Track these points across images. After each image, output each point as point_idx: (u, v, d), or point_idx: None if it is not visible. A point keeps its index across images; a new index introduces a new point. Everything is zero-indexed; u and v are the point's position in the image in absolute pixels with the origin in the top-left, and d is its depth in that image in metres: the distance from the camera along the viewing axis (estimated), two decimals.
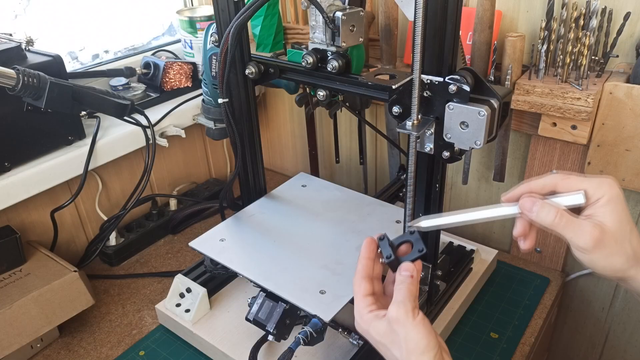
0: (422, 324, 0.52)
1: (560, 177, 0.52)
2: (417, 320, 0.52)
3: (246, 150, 0.89)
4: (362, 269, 0.58)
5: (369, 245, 0.59)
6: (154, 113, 1.07)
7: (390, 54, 0.96)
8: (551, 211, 0.50)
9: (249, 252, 0.81)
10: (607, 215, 0.49)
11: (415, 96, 0.60)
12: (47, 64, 0.86)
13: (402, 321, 0.52)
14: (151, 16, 1.26)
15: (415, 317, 0.52)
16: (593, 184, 0.50)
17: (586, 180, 0.51)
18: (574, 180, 0.51)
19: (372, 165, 1.22)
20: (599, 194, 0.50)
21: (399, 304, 0.53)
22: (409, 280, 0.55)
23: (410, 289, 0.54)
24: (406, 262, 0.57)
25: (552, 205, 0.51)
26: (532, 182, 0.53)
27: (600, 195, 0.50)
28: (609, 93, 0.77)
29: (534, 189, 0.53)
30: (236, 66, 0.80)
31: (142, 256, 1.09)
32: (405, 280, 0.55)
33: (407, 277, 0.55)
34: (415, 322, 0.51)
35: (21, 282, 0.84)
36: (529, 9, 0.86)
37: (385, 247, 0.59)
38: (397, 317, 0.52)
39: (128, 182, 1.13)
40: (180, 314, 0.85)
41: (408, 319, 0.52)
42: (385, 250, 0.59)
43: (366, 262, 0.59)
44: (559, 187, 0.52)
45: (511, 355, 0.81)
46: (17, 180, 0.87)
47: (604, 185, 0.50)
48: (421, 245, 0.58)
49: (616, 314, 1.00)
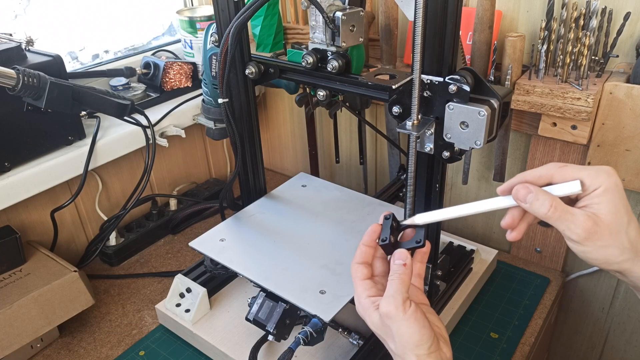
0: (413, 317, 0.51)
1: (556, 166, 0.50)
2: (408, 314, 0.51)
3: (246, 150, 0.89)
4: (359, 255, 0.58)
5: (371, 233, 0.59)
6: (154, 113, 1.07)
7: (390, 54, 0.96)
8: (546, 201, 0.48)
9: (249, 252, 0.81)
10: (603, 206, 0.48)
11: (415, 96, 0.60)
12: (47, 64, 0.86)
13: (392, 316, 0.51)
14: (151, 16, 1.26)
15: (406, 311, 0.51)
16: (590, 173, 0.49)
17: (583, 170, 0.49)
18: (570, 170, 0.50)
19: (372, 165, 1.22)
20: (596, 183, 0.48)
21: (389, 298, 0.52)
22: (401, 270, 0.54)
23: (403, 280, 0.53)
24: (400, 249, 0.56)
25: (547, 194, 0.49)
26: (528, 173, 0.51)
27: (597, 185, 0.48)
28: (609, 93, 0.77)
29: (530, 179, 0.51)
30: (236, 66, 0.80)
31: (142, 256, 1.09)
32: (398, 270, 0.54)
33: (399, 266, 0.54)
34: (406, 317, 0.51)
35: (21, 282, 0.84)
36: (529, 9, 0.86)
37: (386, 228, 0.58)
38: (387, 312, 0.51)
39: (128, 182, 1.13)
40: (180, 314, 0.85)
41: (399, 313, 0.51)
42: (384, 232, 0.58)
43: (365, 249, 0.58)
44: (555, 177, 0.50)
45: (511, 355, 0.81)
46: (17, 180, 0.87)
47: (601, 175, 0.48)
48: (420, 237, 0.57)
49: (616, 314, 1.00)
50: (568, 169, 0.50)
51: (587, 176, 0.49)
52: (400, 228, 0.59)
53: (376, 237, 0.58)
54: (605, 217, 0.48)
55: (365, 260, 0.58)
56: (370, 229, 0.59)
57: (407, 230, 0.59)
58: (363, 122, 1.08)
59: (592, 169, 0.49)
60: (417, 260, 0.59)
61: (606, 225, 0.48)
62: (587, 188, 0.49)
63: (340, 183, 1.04)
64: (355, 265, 0.58)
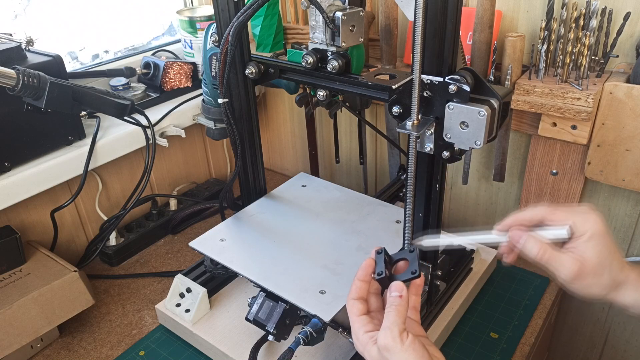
0: (411, 348, 0.51)
1: (548, 210, 0.56)
2: (405, 346, 0.51)
3: (246, 150, 0.89)
4: (354, 290, 0.59)
5: (366, 268, 0.60)
6: (154, 113, 1.07)
7: (390, 54, 0.96)
8: (535, 245, 0.54)
9: (249, 252, 0.81)
10: (588, 251, 0.53)
11: (415, 96, 0.60)
12: (47, 64, 0.86)
13: (390, 348, 0.52)
14: (151, 16, 1.26)
15: (404, 342, 0.52)
16: (579, 218, 0.54)
17: (573, 215, 0.55)
18: (561, 214, 0.55)
19: (372, 165, 1.22)
20: (583, 229, 0.54)
21: (386, 330, 0.52)
22: (397, 301, 0.55)
23: (399, 311, 0.54)
24: (396, 282, 0.57)
25: (536, 239, 0.55)
26: (521, 214, 0.57)
27: (584, 231, 0.54)
28: (609, 93, 0.77)
29: (523, 221, 0.57)
30: (236, 66, 0.80)
31: (142, 256, 1.09)
32: (394, 302, 0.55)
33: (396, 298, 0.55)
34: (404, 348, 0.51)
35: (21, 282, 0.84)
36: (529, 9, 0.86)
37: (380, 262, 0.59)
38: (385, 344, 0.52)
39: (128, 182, 1.13)
40: (180, 314, 0.85)
41: (396, 345, 0.51)
42: (379, 266, 0.59)
43: (360, 284, 0.59)
44: (546, 219, 0.56)
45: (511, 355, 0.81)
46: (17, 180, 0.87)
47: (588, 221, 0.54)
48: (415, 267, 0.58)
49: (616, 314, 1.00)
50: (558, 213, 0.56)
51: (577, 221, 0.54)
52: (393, 261, 0.60)
53: (371, 271, 0.59)
54: (590, 260, 0.53)
55: (361, 296, 0.59)
56: (365, 264, 0.60)
57: (399, 263, 0.60)
58: (363, 122, 1.08)
59: (581, 215, 0.55)
60: (412, 294, 0.60)
61: (591, 268, 0.53)
62: (574, 232, 0.54)
63: (340, 183, 1.04)
64: (351, 301, 0.59)
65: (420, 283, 0.60)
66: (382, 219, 0.88)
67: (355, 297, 0.58)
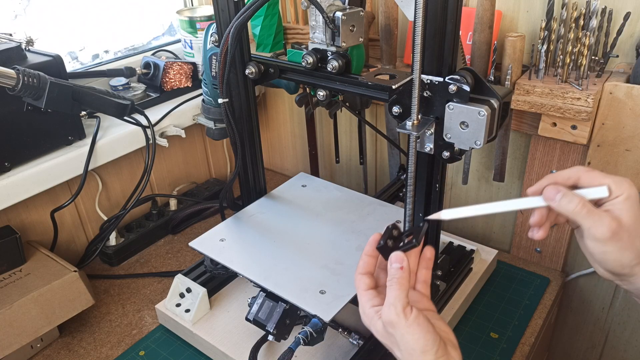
0: (415, 323, 0.51)
1: (584, 169, 0.54)
2: (410, 321, 0.51)
3: (246, 150, 0.89)
4: (361, 265, 0.59)
5: (372, 243, 0.59)
6: (154, 113, 1.07)
7: (390, 54, 0.96)
8: (574, 199, 0.52)
9: (249, 252, 0.81)
10: (625, 211, 0.51)
11: (415, 96, 0.60)
12: (47, 64, 0.86)
13: (394, 324, 0.51)
14: (151, 16, 1.26)
15: (408, 317, 0.51)
16: (615, 180, 0.53)
17: (608, 177, 0.53)
18: (596, 175, 0.53)
19: (372, 165, 1.22)
20: (619, 191, 0.52)
21: (389, 306, 0.52)
22: (398, 274, 0.54)
23: (401, 284, 0.53)
24: (396, 252, 0.56)
25: (574, 194, 0.53)
26: (557, 174, 0.55)
27: (620, 193, 0.52)
28: (609, 93, 0.77)
29: (559, 180, 0.55)
30: (236, 66, 0.80)
31: (142, 256, 1.09)
32: (395, 274, 0.54)
33: (397, 270, 0.55)
34: (408, 323, 0.51)
35: (21, 282, 0.84)
36: (529, 9, 0.86)
37: (385, 234, 0.58)
38: (389, 320, 0.52)
39: (128, 182, 1.13)
40: (180, 314, 0.85)
41: (400, 320, 0.51)
42: (382, 237, 0.58)
43: (367, 259, 0.59)
44: (582, 180, 0.54)
45: (511, 355, 0.81)
46: (17, 180, 0.87)
47: (624, 184, 0.52)
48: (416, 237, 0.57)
49: (616, 314, 1.00)
50: (595, 174, 0.54)
51: (612, 183, 0.53)
52: (403, 236, 0.60)
53: None
54: (626, 221, 0.51)
55: (368, 271, 0.59)
56: (372, 239, 0.60)
57: (409, 238, 0.59)
58: (363, 122, 1.08)
59: (616, 177, 0.53)
60: (422, 267, 0.60)
61: (627, 229, 0.51)
62: (611, 193, 0.52)
63: (340, 183, 1.04)
64: (358, 276, 0.59)
65: (431, 256, 0.60)
66: (382, 219, 0.88)
67: (362, 272, 0.58)
